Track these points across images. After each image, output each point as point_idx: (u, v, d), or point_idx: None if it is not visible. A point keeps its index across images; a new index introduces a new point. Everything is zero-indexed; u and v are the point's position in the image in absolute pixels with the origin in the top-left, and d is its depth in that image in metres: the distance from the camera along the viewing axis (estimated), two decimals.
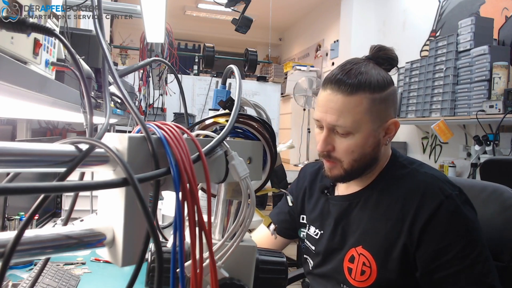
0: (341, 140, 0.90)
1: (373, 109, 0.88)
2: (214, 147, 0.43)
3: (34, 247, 0.33)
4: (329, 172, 0.96)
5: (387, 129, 0.92)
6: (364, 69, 0.89)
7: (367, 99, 0.87)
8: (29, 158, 0.33)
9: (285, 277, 0.59)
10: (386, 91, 0.90)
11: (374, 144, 0.91)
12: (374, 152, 0.92)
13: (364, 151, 0.90)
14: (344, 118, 0.87)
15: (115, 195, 0.38)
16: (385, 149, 0.96)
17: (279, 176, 3.45)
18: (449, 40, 2.88)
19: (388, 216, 0.91)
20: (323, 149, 0.92)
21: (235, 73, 0.55)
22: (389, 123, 0.92)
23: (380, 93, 0.88)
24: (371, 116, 0.88)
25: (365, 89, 0.87)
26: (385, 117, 0.91)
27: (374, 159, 0.93)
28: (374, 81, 0.88)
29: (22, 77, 0.52)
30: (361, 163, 0.92)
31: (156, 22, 1.50)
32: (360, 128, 0.88)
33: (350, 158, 0.91)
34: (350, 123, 0.87)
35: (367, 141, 0.90)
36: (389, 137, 0.93)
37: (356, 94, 0.87)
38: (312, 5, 6.19)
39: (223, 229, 0.57)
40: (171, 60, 2.33)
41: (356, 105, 0.87)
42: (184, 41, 7.64)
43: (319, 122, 0.93)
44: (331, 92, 0.90)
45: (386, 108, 0.90)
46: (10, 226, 1.25)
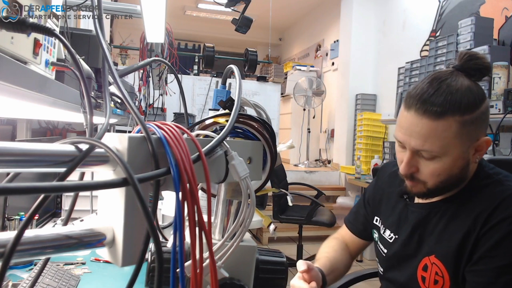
0: (427, 164, 0.85)
1: (463, 131, 0.81)
2: (214, 147, 0.43)
3: (34, 247, 0.33)
4: (411, 188, 0.92)
5: (478, 147, 0.86)
6: (453, 87, 0.81)
7: (457, 123, 0.80)
8: (29, 158, 0.33)
9: (285, 277, 0.59)
10: (478, 111, 0.82)
11: (462, 165, 0.85)
12: (462, 173, 0.87)
13: (451, 173, 0.85)
14: (431, 144, 0.81)
15: (115, 195, 0.38)
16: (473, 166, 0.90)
17: (279, 176, 3.45)
18: (449, 40, 2.89)
19: (462, 226, 0.86)
20: (407, 172, 0.88)
21: (235, 73, 0.55)
22: (480, 141, 0.85)
23: (471, 114, 0.81)
24: (461, 140, 0.81)
25: (454, 112, 0.80)
26: (476, 137, 0.84)
27: (461, 179, 0.88)
28: (465, 102, 0.80)
29: (22, 77, 0.52)
30: (448, 184, 0.87)
31: (156, 22, 1.50)
32: (448, 152, 0.82)
33: (435, 180, 0.86)
34: (437, 148, 0.81)
35: (455, 163, 0.84)
36: (479, 154, 0.87)
37: (444, 118, 0.80)
38: (312, 5, 6.19)
39: (223, 229, 0.57)
40: (171, 60, 2.33)
41: (444, 129, 0.80)
42: (184, 41, 7.64)
43: (401, 144, 0.88)
44: (416, 115, 0.82)
45: (477, 128, 0.83)
46: (10, 226, 1.25)
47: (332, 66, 5.59)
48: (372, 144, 4.14)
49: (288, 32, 7.77)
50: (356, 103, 4.50)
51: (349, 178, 4.06)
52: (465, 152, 0.84)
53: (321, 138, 5.70)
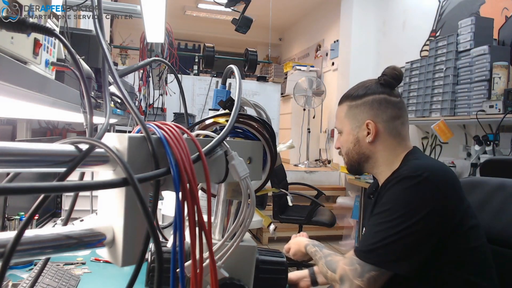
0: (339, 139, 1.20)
1: (349, 113, 1.15)
2: (214, 147, 0.43)
3: (34, 247, 0.33)
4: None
5: (367, 130, 1.12)
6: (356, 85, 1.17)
7: (346, 106, 1.16)
8: (29, 158, 0.33)
9: (285, 277, 0.59)
10: (364, 99, 1.12)
11: (354, 141, 1.14)
12: (356, 148, 1.14)
13: (348, 146, 1.16)
14: (337, 122, 1.20)
15: (115, 195, 0.38)
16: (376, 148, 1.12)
17: (279, 176, 3.45)
18: (449, 40, 2.88)
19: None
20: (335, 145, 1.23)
21: (235, 73, 0.55)
22: (365, 123, 1.11)
23: (356, 101, 1.13)
24: (349, 119, 1.15)
25: (347, 99, 1.16)
26: (361, 119, 1.12)
27: (362, 154, 1.14)
28: (355, 93, 1.14)
29: (22, 77, 0.52)
30: (350, 157, 1.16)
31: (156, 22, 1.50)
32: (343, 129, 1.17)
33: (343, 152, 1.19)
34: (338, 125, 1.19)
35: (348, 138, 1.15)
36: (371, 136, 1.11)
37: (341, 104, 1.18)
38: (312, 5, 6.19)
39: (223, 229, 0.57)
40: (171, 60, 2.33)
41: (340, 111, 1.18)
42: (184, 41, 7.64)
43: None
44: None
45: (363, 112, 1.12)
46: (10, 226, 1.25)
47: (332, 66, 5.59)
48: None
49: (288, 32, 7.76)
50: None
51: (349, 178, 4.06)
52: (353, 130, 1.14)
53: (321, 138, 5.70)
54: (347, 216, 4.05)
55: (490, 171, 1.22)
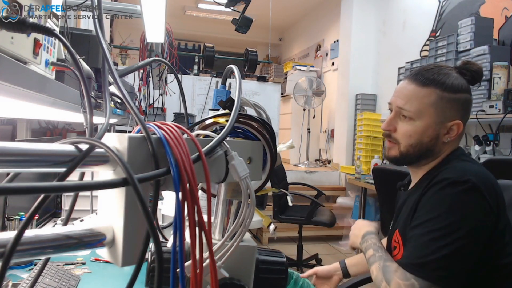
0: (403, 124, 1.01)
1: (439, 104, 0.97)
2: (214, 147, 0.43)
3: (34, 247, 0.33)
4: (387, 152, 1.06)
5: (449, 129, 0.99)
6: (443, 71, 0.99)
7: (436, 95, 0.97)
8: (29, 158, 0.33)
9: (285, 277, 0.59)
10: (458, 95, 0.98)
11: (432, 136, 0.99)
12: (430, 144, 0.99)
13: (422, 139, 0.99)
14: (411, 104, 0.98)
15: (115, 195, 0.38)
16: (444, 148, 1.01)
17: (279, 176, 3.45)
18: (449, 40, 2.88)
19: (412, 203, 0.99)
20: (386, 127, 1.04)
21: (235, 73, 0.55)
22: (453, 123, 0.98)
23: (450, 94, 0.97)
24: (435, 110, 0.97)
25: (436, 85, 0.97)
26: (450, 117, 0.98)
27: (429, 151, 1.00)
28: (449, 82, 0.97)
29: (22, 77, 0.52)
30: (416, 150, 1.00)
31: (156, 22, 1.50)
32: (423, 117, 0.98)
33: (407, 142, 1.00)
34: (414, 109, 0.98)
35: (426, 131, 0.98)
36: (449, 137, 0.99)
37: (427, 87, 0.97)
38: (312, 5, 6.19)
39: (223, 229, 0.57)
40: (171, 60, 2.33)
41: (425, 96, 0.97)
42: (184, 41, 7.64)
43: (390, 105, 1.05)
44: (407, 81, 1.02)
45: (453, 109, 0.98)
46: (10, 226, 1.25)
47: (332, 66, 5.59)
48: (372, 144, 4.14)
49: (288, 32, 7.76)
50: (356, 103, 4.50)
51: (349, 178, 4.06)
52: (436, 124, 0.98)
53: (321, 138, 5.70)
54: (347, 216, 4.05)
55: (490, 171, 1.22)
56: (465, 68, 1.01)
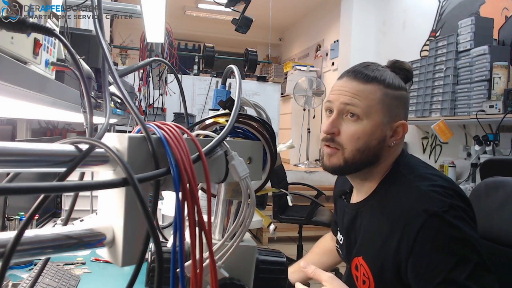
0: (349, 125, 0.89)
1: (385, 101, 0.89)
2: (214, 147, 0.43)
3: (34, 247, 0.33)
4: (328, 160, 0.93)
5: (395, 131, 0.91)
6: (380, 68, 0.94)
7: (381, 91, 0.89)
8: (29, 158, 0.33)
9: (285, 277, 0.59)
10: (399, 92, 0.92)
11: (379, 138, 0.89)
12: (377, 148, 0.90)
13: (369, 142, 0.88)
14: (358, 100, 0.88)
15: (115, 195, 0.38)
16: (388, 153, 0.93)
17: (279, 176, 3.45)
18: (449, 40, 2.89)
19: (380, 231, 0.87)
20: (329, 130, 0.90)
21: (235, 73, 0.55)
22: (398, 123, 0.91)
23: (393, 91, 0.90)
24: (383, 107, 0.89)
25: (379, 82, 0.90)
26: (395, 116, 0.91)
27: (376, 157, 0.90)
28: (389, 79, 0.91)
29: (22, 77, 0.52)
30: (364, 155, 0.89)
31: (156, 22, 1.50)
32: (371, 115, 0.88)
33: (354, 145, 0.88)
34: (363, 105, 0.88)
35: (375, 131, 0.88)
36: (395, 139, 0.91)
37: (371, 84, 0.89)
38: (312, 5, 6.19)
39: (223, 229, 0.57)
40: (171, 60, 2.33)
41: (370, 92, 0.89)
42: (184, 41, 7.64)
43: (329, 104, 0.93)
44: (346, 79, 0.92)
45: (398, 107, 0.91)
46: (10, 226, 1.25)
47: (332, 66, 5.59)
48: None
49: (288, 32, 7.76)
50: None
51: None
52: (384, 125, 0.89)
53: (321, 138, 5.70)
54: None
55: (490, 171, 1.21)
56: (396, 67, 0.98)
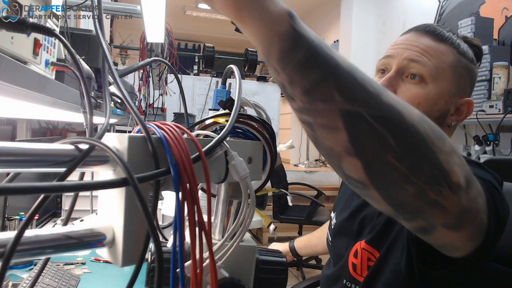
0: (409, 87, 0.75)
1: (457, 68, 0.76)
2: (214, 147, 0.43)
3: (34, 247, 0.33)
4: None
5: (459, 108, 0.79)
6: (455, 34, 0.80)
7: (454, 55, 0.76)
8: (29, 158, 0.33)
9: (285, 277, 0.59)
10: (472, 65, 0.79)
11: (442, 111, 0.77)
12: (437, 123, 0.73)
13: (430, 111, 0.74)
14: (428, 59, 0.75)
15: (115, 195, 0.38)
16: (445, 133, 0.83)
17: (279, 176, 3.45)
18: None
19: None
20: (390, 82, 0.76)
21: (235, 73, 0.55)
22: (464, 100, 0.79)
23: (466, 61, 0.78)
24: (453, 74, 0.76)
25: (454, 46, 0.77)
26: (463, 90, 0.78)
27: None
28: (464, 47, 0.78)
29: (22, 77, 0.52)
30: None
31: (156, 22, 1.50)
32: (438, 80, 0.75)
33: None
34: (432, 65, 0.74)
35: (439, 101, 0.75)
36: (456, 119, 0.80)
37: (444, 44, 0.76)
38: (312, 5, 6.19)
39: (223, 229, 0.57)
40: (171, 60, 2.33)
41: (443, 53, 0.75)
42: (184, 41, 7.64)
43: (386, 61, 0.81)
44: (415, 34, 0.79)
45: (467, 82, 0.79)
46: (10, 226, 1.25)
47: None
48: None
49: None
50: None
51: None
52: (450, 96, 0.77)
53: None
54: None
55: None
56: (470, 43, 0.84)
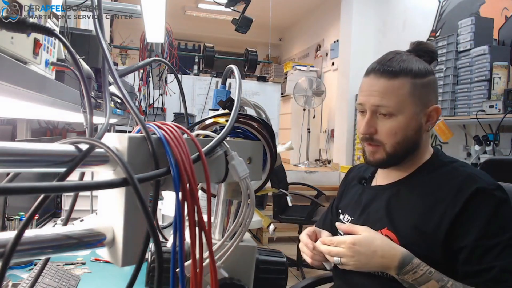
0: (384, 122, 0.93)
1: (415, 92, 0.91)
2: (214, 147, 0.43)
3: (34, 247, 0.33)
4: (372, 156, 0.97)
5: (429, 116, 0.95)
6: (405, 57, 0.95)
7: (409, 83, 0.91)
8: (29, 158, 0.33)
9: (285, 277, 0.59)
10: (427, 78, 0.94)
11: (416, 128, 0.93)
12: (416, 137, 0.94)
13: (407, 133, 0.92)
14: (388, 99, 0.91)
15: (115, 195, 0.38)
16: (426, 137, 0.97)
17: (279, 176, 3.45)
18: (449, 40, 2.88)
19: (418, 207, 0.90)
20: (366, 131, 0.94)
21: (235, 73, 0.55)
22: (431, 109, 0.94)
23: (421, 79, 0.92)
24: (413, 98, 0.91)
25: (407, 74, 0.92)
26: (427, 102, 0.94)
27: (416, 145, 0.95)
28: (416, 68, 0.93)
29: (22, 77, 0.52)
30: (404, 146, 0.93)
31: (156, 22, 1.50)
32: (403, 110, 0.91)
33: (393, 140, 0.93)
34: (393, 103, 0.91)
35: (410, 123, 0.92)
36: (430, 123, 0.96)
37: (398, 78, 0.91)
38: (312, 5, 6.19)
39: (223, 229, 0.57)
40: (171, 60, 2.33)
41: (399, 87, 0.91)
42: (184, 41, 7.64)
43: (361, 106, 0.97)
44: (374, 77, 0.94)
45: (428, 94, 0.94)
46: (10, 226, 1.25)
47: (332, 66, 5.59)
48: None
49: (288, 32, 7.76)
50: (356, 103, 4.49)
51: None
52: (418, 114, 0.93)
53: (321, 138, 5.70)
54: None
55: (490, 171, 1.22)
56: (420, 50, 1.00)
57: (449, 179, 0.91)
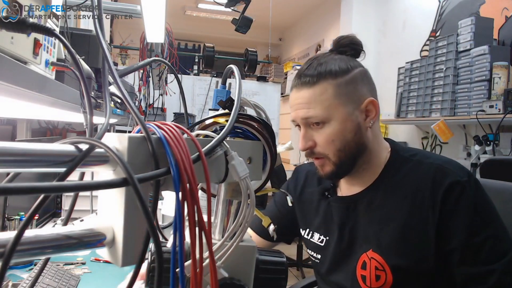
0: (320, 133, 0.88)
1: (340, 92, 0.86)
2: (214, 147, 0.43)
3: (34, 247, 0.33)
4: (321, 170, 0.93)
5: (366, 111, 0.89)
6: (323, 60, 0.90)
7: (331, 85, 0.86)
8: (29, 158, 0.33)
9: (285, 277, 0.59)
10: (350, 74, 0.88)
11: (354, 129, 0.88)
12: (358, 138, 0.88)
13: (346, 138, 0.87)
14: (314, 108, 0.86)
15: (115, 195, 0.38)
16: (373, 135, 0.92)
17: (279, 176, 3.45)
18: (449, 40, 2.88)
19: (397, 215, 0.87)
20: (304, 146, 0.90)
21: (235, 73, 0.55)
22: (365, 103, 0.88)
23: (344, 77, 0.87)
24: (340, 99, 0.86)
25: (326, 77, 0.87)
26: (358, 99, 0.88)
27: (362, 146, 0.89)
28: (335, 68, 0.88)
29: (22, 77, 0.52)
30: (348, 152, 0.88)
31: (156, 22, 1.50)
32: (333, 115, 0.86)
33: (333, 148, 0.88)
34: (321, 111, 0.86)
35: (346, 126, 0.87)
36: (371, 119, 0.90)
37: (318, 84, 0.87)
38: (312, 5, 6.19)
39: (223, 229, 0.57)
40: (171, 60, 2.33)
41: (321, 93, 0.86)
42: (184, 41, 7.64)
43: (295, 122, 0.93)
44: (296, 90, 0.91)
45: (356, 90, 0.88)
46: (10, 226, 1.25)
47: None
48: None
49: (288, 32, 7.76)
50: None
51: None
52: (351, 114, 0.87)
53: None
54: None
55: (490, 171, 1.21)
56: (341, 46, 0.95)
57: (418, 178, 0.87)
